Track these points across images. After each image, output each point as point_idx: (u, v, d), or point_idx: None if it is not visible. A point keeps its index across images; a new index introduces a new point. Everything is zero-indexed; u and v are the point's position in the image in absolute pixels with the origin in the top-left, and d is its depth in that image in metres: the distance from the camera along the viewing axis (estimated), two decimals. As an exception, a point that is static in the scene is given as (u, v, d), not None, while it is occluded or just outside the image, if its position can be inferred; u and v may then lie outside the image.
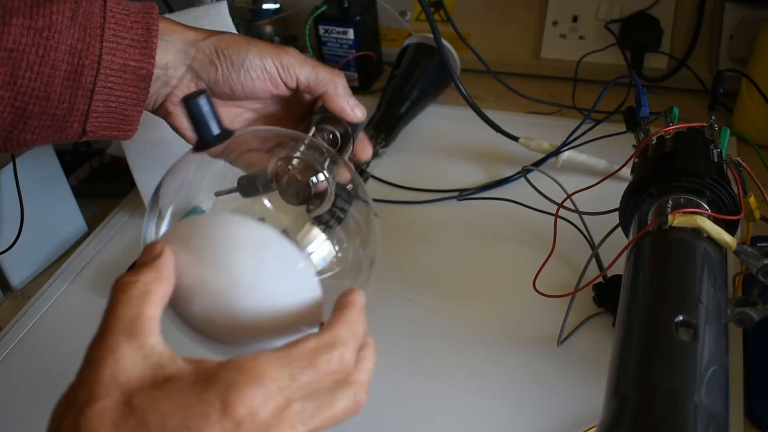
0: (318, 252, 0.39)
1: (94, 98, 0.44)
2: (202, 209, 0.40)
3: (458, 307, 0.60)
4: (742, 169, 0.52)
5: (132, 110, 0.47)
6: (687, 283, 0.42)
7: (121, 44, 0.44)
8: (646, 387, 0.36)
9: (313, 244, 0.39)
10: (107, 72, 0.44)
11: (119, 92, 0.45)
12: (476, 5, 0.94)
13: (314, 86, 0.49)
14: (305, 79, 0.49)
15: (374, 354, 0.35)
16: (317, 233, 0.39)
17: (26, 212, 0.65)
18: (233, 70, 0.47)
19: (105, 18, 0.44)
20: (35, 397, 0.57)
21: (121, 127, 0.47)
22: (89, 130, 0.46)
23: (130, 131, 0.48)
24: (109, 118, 0.46)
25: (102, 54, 0.44)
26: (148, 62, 0.45)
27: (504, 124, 0.76)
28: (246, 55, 0.47)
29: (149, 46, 0.45)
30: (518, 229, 0.68)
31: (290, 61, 0.48)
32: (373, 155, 0.78)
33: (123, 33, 0.44)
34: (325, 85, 0.49)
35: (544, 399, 0.52)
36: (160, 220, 0.40)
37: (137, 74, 0.45)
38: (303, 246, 0.38)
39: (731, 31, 0.83)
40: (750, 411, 0.50)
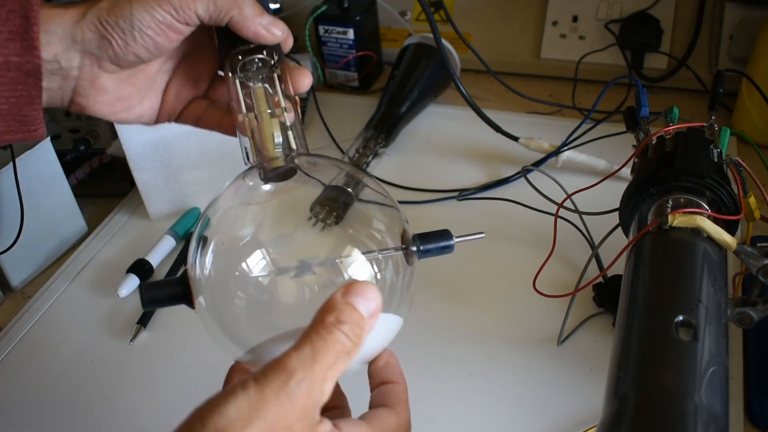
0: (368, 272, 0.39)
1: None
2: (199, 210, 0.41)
3: (458, 307, 0.60)
4: (742, 169, 0.52)
5: (28, 109, 0.42)
6: (687, 283, 0.42)
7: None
8: (646, 387, 0.36)
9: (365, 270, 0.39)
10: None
11: (7, 93, 0.41)
12: (476, 5, 0.94)
13: (216, 16, 0.43)
14: (204, 11, 0.43)
15: None
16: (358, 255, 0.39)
17: (26, 212, 0.65)
18: (128, 37, 0.42)
19: None
20: (35, 397, 0.57)
21: (23, 129, 0.43)
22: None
23: (35, 131, 0.44)
24: (6, 122, 0.42)
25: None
26: (32, 54, 0.41)
27: (504, 124, 0.76)
28: (132, 16, 0.42)
29: (30, 36, 0.40)
30: (518, 229, 0.68)
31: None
32: (373, 155, 0.78)
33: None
34: (228, 11, 0.43)
35: (543, 399, 0.52)
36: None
37: (23, 70, 0.41)
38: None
39: (731, 31, 0.83)
40: (750, 411, 0.50)
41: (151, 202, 0.73)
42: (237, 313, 0.37)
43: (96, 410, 0.55)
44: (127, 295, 0.64)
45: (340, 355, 0.32)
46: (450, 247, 0.43)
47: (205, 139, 0.70)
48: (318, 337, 0.32)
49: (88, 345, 0.61)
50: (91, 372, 0.58)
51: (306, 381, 0.30)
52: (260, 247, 0.38)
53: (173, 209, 0.73)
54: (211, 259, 0.38)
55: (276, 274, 0.38)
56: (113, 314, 0.63)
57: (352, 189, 0.44)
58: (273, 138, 0.41)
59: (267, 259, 0.38)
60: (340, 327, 0.32)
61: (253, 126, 0.42)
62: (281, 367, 0.31)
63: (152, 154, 0.69)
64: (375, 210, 0.42)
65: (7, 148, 0.63)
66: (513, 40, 0.93)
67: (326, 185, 0.43)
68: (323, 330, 0.32)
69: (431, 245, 0.43)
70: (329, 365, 0.31)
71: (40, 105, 0.43)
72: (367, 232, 0.41)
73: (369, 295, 0.34)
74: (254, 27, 0.44)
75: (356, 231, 0.41)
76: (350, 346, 0.32)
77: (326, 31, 0.91)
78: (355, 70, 0.93)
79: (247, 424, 0.29)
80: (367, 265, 0.38)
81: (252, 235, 0.40)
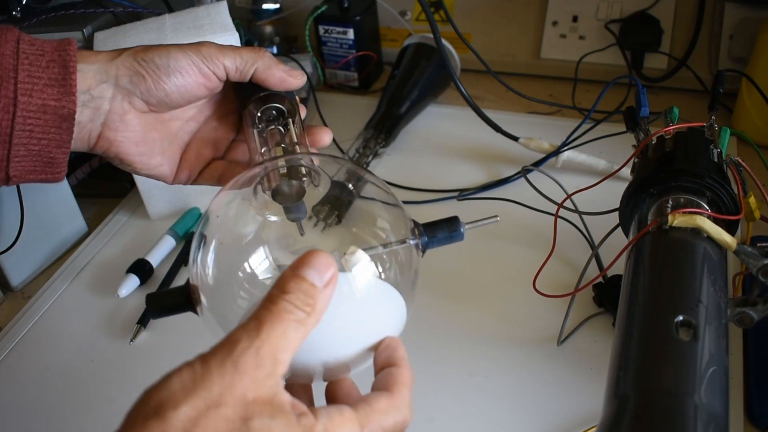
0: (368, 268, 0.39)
1: (14, 142, 0.43)
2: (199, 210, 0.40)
3: (458, 307, 0.60)
4: (742, 169, 0.52)
5: (57, 152, 0.45)
6: (687, 283, 0.42)
7: (37, 84, 0.43)
8: (646, 387, 0.36)
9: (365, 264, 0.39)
10: (25, 114, 0.43)
11: (40, 135, 0.44)
12: (476, 5, 0.94)
13: (242, 68, 0.47)
14: (231, 63, 0.47)
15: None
16: (362, 254, 0.39)
17: (26, 212, 0.65)
18: (161, 73, 0.46)
19: (18, 60, 0.42)
20: (35, 397, 0.57)
21: (47, 170, 0.45)
22: (12, 175, 0.44)
23: (58, 174, 0.46)
24: (32, 162, 0.45)
25: (17, 96, 0.42)
26: (68, 100, 0.43)
27: (504, 124, 0.76)
28: (168, 56, 0.46)
29: (68, 83, 0.43)
30: (518, 229, 0.68)
31: (210, 51, 0.47)
32: (373, 155, 0.78)
33: (38, 73, 0.43)
34: (253, 63, 0.47)
35: (543, 399, 0.52)
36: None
37: (58, 114, 0.43)
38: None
39: (731, 31, 0.83)
40: (750, 411, 0.50)
41: (151, 202, 0.73)
42: (239, 313, 0.37)
43: (96, 410, 0.55)
44: (127, 295, 0.64)
45: (292, 324, 0.31)
46: (458, 235, 0.43)
47: (205, 139, 0.70)
48: (263, 309, 0.31)
49: (88, 345, 0.61)
50: (91, 372, 0.58)
51: (252, 349, 0.30)
52: (261, 247, 0.38)
53: (173, 209, 0.73)
54: (213, 258, 0.38)
55: (279, 272, 0.38)
56: (113, 314, 0.63)
57: (353, 186, 0.44)
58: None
59: (269, 259, 0.38)
60: (285, 297, 0.32)
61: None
62: (226, 341, 0.30)
63: (152, 154, 0.69)
64: (378, 208, 0.42)
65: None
66: (513, 40, 0.93)
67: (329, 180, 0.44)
68: (268, 302, 0.32)
69: (437, 235, 0.42)
70: (279, 335, 0.30)
71: (69, 149, 0.45)
72: (369, 231, 0.41)
73: (318, 264, 0.33)
74: (279, 73, 0.48)
75: (359, 229, 0.41)
76: (302, 315, 0.31)
77: (326, 31, 0.91)
78: (355, 70, 0.93)
79: (189, 394, 0.28)
80: (371, 262, 0.38)
81: (253, 235, 0.40)
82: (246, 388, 0.29)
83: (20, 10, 0.71)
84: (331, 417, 0.32)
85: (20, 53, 0.43)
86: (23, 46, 0.43)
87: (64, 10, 0.71)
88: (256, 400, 0.29)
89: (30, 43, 0.43)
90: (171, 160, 0.51)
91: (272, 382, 0.30)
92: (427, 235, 0.42)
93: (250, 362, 0.29)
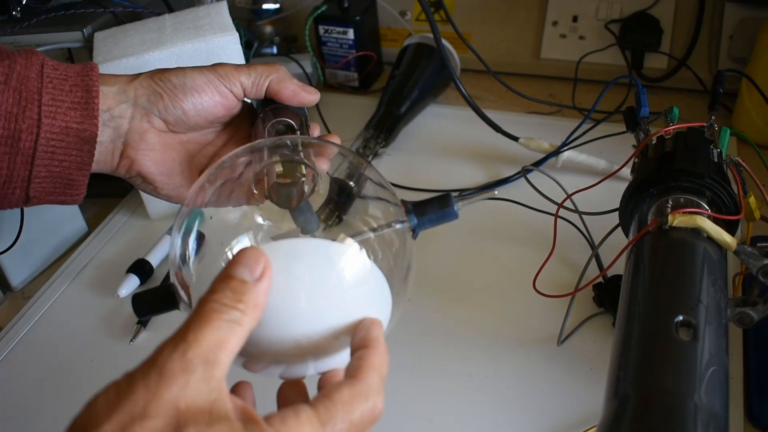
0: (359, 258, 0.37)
1: (36, 163, 0.44)
2: (203, 213, 0.40)
3: (458, 307, 0.60)
4: (742, 169, 0.52)
5: (77, 174, 0.46)
6: (687, 283, 0.42)
7: (60, 107, 0.43)
8: (646, 387, 0.36)
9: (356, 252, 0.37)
10: (48, 136, 0.43)
11: (62, 156, 0.44)
12: (476, 5, 0.94)
13: (257, 83, 0.48)
14: (247, 79, 0.48)
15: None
16: (351, 242, 0.37)
17: (26, 212, 0.65)
18: (179, 92, 0.47)
19: (42, 83, 0.43)
20: (35, 397, 0.57)
21: (67, 192, 0.46)
22: (33, 195, 0.45)
23: (77, 196, 0.47)
24: (53, 184, 0.45)
25: (41, 117, 0.43)
26: (91, 123, 0.44)
27: (504, 124, 0.76)
28: (184, 76, 0.47)
29: (90, 107, 0.44)
30: (518, 229, 0.68)
31: (225, 69, 0.48)
32: (374, 155, 0.78)
33: (62, 96, 0.44)
34: (267, 76, 0.48)
35: (544, 399, 0.52)
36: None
37: (80, 137, 0.44)
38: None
39: (731, 31, 0.83)
40: (750, 411, 0.50)
41: (151, 202, 0.73)
42: None
43: (96, 410, 0.55)
44: (127, 295, 0.64)
45: (224, 323, 0.29)
46: (451, 213, 0.40)
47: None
48: (190, 315, 0.30)
49: (88, 345, 0.61)
50: (91, 372, 0.58)
51: (177, 353, 0.27)
52: (252, 237, 0.37)
53: (173, 209, 0.73)
54: (197, 257, 0.38)
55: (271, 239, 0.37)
56: (113, 314, 0.63)
57: (354, 182, 0.44)
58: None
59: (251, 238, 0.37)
60: (211, 297, 0.30)
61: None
62: (152, 353, 0.28)
63: (152, 154, 0.69)
64: (377, 207, 0.41)
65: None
66: (513, 40, 0.93)
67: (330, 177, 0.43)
68: (197, 307, 0.30)
69: (428, 214, 0.40)
70: (209, 336, 0.28)
71: (89, 171, 0.46)
72: (361, 219, 0.40)
73: (247, 260, 0.31)
74: (292, 86, 0.49)
75: (358, 229, 0.40)
76: (236, 314, 0.30)
77: (326, 31, 0.91)
78: (355, 70, 0.93)
79: (112, 411, 0.26)
80: (362, 251, 0.36)
81: (243, 235, 0.39)
82: (175, 396, 0.27)
83: (20, 10, 0.71)
84: (285, 420, 0.29)
85: (44, 77, 0.44)
86: (47, 71, 0.44)
87: (64, 10, 0.71)
88: (190, 407, 0.27)
89: (54, 67, 0.45)
90: (190, 182, 0.51)
91: (208, 387, 0.28)
92: (416, 214, 0.40)
93: (176, 367, 0.27)
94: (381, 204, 0.40)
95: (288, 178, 0.41)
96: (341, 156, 0.45)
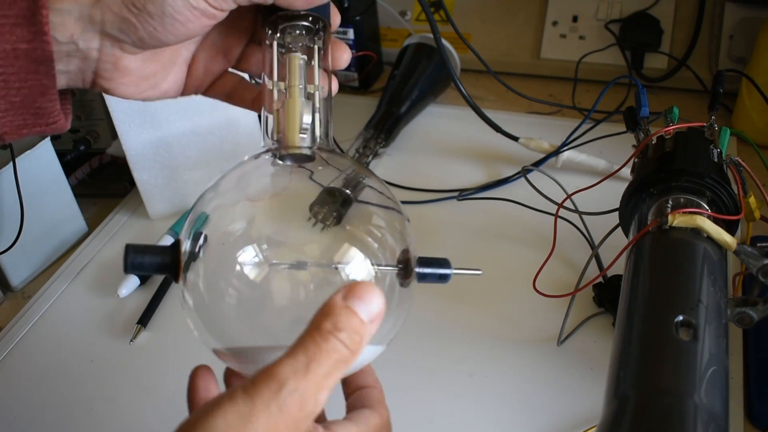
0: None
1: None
2: (207, 214, 0.40)
3: (458, 307, 0.60)
4: (742, 169, 0.52)
5: (42, 101, 0.39)
6: (687, 283, 0.42)
7: (4, 25, 0.37)
8: (646, 387, 0.36)
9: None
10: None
11: (17, 84, 0.38)
12: (476, 5, 0.94)
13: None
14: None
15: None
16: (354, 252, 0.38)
17: (26, 212, 0.65)
18: (155, 22, 0.38)
19: None
20: (35, 397, 0.57)
21: (39, 122, 0.39)
22: (3, 132, 0.39)
23: (54, 124, 0.40)
24: (20, 116, 0.39)
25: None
26: (42, 41, 0.37)
27: (504, 124, 0.76)
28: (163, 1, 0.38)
29: (38, 20, 0.36)
30: (518, 229, 0.68)
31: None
32: (373, 155, 0.78)
33: (3, 11, 0.36)
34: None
35: (544, 399, 0.52)
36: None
37: (32, 57, 0.37)
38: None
39: (731, 31, 0.83)
40: (750, 411, 0.50)
41: (151, 202, 0.73)
42: (223, 305, 0.36)
43: (96, 410, 0.55)
44: (127, 295, 0.64)
45: (336, 364, 0.29)
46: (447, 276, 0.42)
47: (205, 139, 0.70)
48: (313, 344, 0.29)
49: (88, 345, 0.61)
50: (91, 372, 0.58)
51: (298, 392, 0.28)
52: (254, 243, 0.37)
53: (173, 209, 0.73)
54: (205, 248, 0.38)
55: (270, 266, 0.37)
56: (113, 314, 0.63)
57: (350, 190, 0.44)
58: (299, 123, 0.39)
59: (260, 256, 0.37)
60: (338, 334, 0.29)
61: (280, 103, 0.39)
62: (272, 377, 0.28)
63: (152, 154, 0.69)
64: (375, 213, 0.41)
65: (7, 147, 0.63)
66: (513, 40, 0.93)
67: (324, 187, 0.43)
68: (319, 337, 0.29)
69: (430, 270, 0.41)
70: (324, 374, 0.29)
71: (55, 95, 0.39)
72: (366, 231, 0.40)
73: (371, 298, 0.30)
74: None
75: (356, 231, 0.40)
76: (347, 354, 0.30)
77: (326, 31, 0.91)
78: (355, 70, 0.93)
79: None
80: (366, 269, 0.37)
81: (247, 230, 0.39)
82: (287, 429, 0.28)
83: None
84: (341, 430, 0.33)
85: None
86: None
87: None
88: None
89: None
90: (176, 80, 0.45)
91: (309, 422, 0.29)
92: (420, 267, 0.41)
93: (295, 405, 0.28)
94: (388, 229, 0.40)
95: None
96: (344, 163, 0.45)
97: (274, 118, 0.40)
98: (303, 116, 0.39)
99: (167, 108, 0.67)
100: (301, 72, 0.40)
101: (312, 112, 0.39)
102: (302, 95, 0.40)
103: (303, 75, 0.40)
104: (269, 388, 0.28)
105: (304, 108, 0.39)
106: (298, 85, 0.40)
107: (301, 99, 0.39)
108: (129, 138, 0.68)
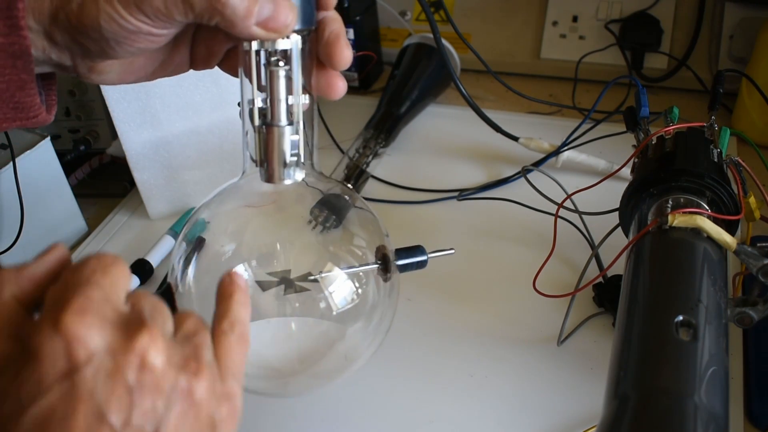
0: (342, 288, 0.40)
1: None
2: (206, 220, 0.40)
3: (458, 307, 0.60)
4: (742, 169, 0.52)
5: (21, 95, 0.38)
6: (687, 283, 0.42)
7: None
8: (646, 387, 0.36)
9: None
10: None
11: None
12: (476, 5, 0.94)
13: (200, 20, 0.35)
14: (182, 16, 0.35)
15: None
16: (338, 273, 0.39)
17: (26, 212, 0.65)
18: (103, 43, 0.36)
19: None
20: (35, 397, 0.57)
21: (20, 116, 0.38)
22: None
23: (35, 117, 0.39)
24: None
25: None
26: (18, 35, 0.36)
27: (504, 124, 0.76)
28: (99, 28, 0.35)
29: (14, 14, 0.35)
30: (518, 229, 0.68)
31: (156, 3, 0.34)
32: (373, 155, 0.78)
33: None
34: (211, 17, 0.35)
35: (544, 399, 0.52)
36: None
37: (8, 52, 0.36)
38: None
39: (731, 31, 0.83)
40: (750, 411, 0.50)
41: (151, 202, 0.73)
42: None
43: (96, 410, 0.55)
44: (127, 295, 0.64)
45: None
46: (424, 262, 0.44)
47: (205, 139, 0.70)
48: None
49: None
50: (91, 372, 0.58)
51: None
52: (244, 261, 0.39)
53: (173, 209, 0.73)
54: (194, 266, 0.38)
55: (260, 286, 0.38)
56: (113, 314, 0.63)
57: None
58: (283, 157, 0.37)
59: (249, 273, 0.38)
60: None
61: (261, 120, 0.38)
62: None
63: (152, 154, 0.69)
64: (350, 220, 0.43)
65: (7, 148, 0.63)
66: (513, 40, 0.93)
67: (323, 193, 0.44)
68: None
69: (407, 260, 0.44)
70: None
71: (34, 89, 0.38)
72: (343, 239, 0.41)
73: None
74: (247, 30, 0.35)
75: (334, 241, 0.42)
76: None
77: (326, 31, 0.91)
78: (355, 70, 0.93)
79: None
80: (347, 281, 0.39)
81: (238, 247, 0.40)
82: None
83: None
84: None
85: None
86: None
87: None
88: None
89: None
90: (179, 61, 0.43)
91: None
92: (397, 259, 0.43)
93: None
94: (368, 240, 0.43)
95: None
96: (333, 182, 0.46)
97: (256, 139, 0.38)
98: (287, 148, 0.38)
99: (167, 108, 0.67)
100: (284, 87, 0.37)
101: (297, 134, 0.38)
102: (285, 117, 0.37)
103: (286, 90, 0.37)
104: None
105: (287, 137, 0.37)
106: (279, 106, 0.37)
107: (285, 125, 0.37)
108: (129, 138, 0.68)
